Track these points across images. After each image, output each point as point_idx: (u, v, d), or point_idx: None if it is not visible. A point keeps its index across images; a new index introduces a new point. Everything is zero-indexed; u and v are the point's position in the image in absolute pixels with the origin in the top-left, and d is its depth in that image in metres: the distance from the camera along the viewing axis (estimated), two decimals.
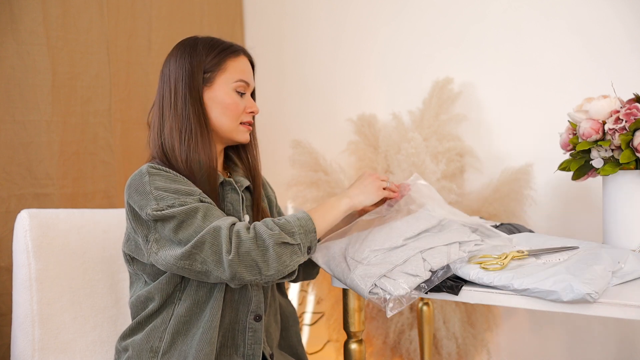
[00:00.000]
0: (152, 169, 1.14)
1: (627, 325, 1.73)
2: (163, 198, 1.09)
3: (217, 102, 1.22)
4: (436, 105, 1.90)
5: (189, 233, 1.06)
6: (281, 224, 1.09)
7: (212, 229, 1.05)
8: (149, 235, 1.11)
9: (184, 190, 1.11)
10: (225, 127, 1.23)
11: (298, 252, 1.09)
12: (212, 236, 1.05)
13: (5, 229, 1.52)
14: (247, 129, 1.27)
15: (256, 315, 1.21)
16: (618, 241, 1.27)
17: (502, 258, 1.09)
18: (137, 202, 1.10)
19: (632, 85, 1.43)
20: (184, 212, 1.07)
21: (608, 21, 1.72)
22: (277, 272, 1.06)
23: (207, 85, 1.22)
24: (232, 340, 1.20)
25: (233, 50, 1.25)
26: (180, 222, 1.07)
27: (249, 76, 1.27)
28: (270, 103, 2.30)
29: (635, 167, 1.24)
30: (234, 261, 1.03)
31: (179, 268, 1.08)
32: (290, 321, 1.37)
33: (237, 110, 1.23)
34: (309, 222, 1.11)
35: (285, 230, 1.08)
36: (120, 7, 1.86)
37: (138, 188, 1.11)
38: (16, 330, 1.26)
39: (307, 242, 1.11)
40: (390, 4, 2.08)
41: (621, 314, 0.95)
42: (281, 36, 2.33)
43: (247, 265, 1.04)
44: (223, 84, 1.22)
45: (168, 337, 1.14)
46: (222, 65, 1.22)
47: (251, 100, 1.28)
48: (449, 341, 1.76)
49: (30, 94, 1.60)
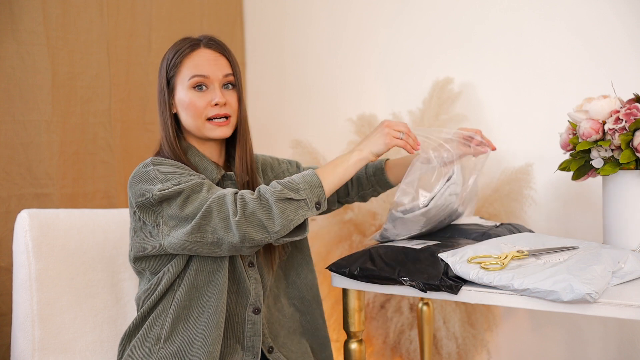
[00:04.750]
0: (155, 160, 1.19)
1: (627, 325, 1.73)
2: (169, 179, 1.12)
3: (180, 106, 1.24)
4: (436, 105, 1.90)
5: (195, 206, 1.09)
6: (285, 183, 1.11)
7: (217, 197, 1.09)
8: (158, 219, 1.13)
9: (189, 172, 1.16)
10: (194, 128, 1.24)
11: (304, 207, 1.09)
12: (217, 204, 1.08)
13: (5, 229, 1.52)
14: (216, 125, 1.22)
15: (255, 307, 1.22)
16: (618, 241, 1.27)
17: (502, 258, 1.09)
18: (142, 189, 1.13)
19: (632, 85, 1.43)
20: (190, 187, 1.10)
21: (608, 21, 1.72)
22: (282, 227, 1.07)
23: (171, 92, 1.24)
24: (232, 331, 1.21)
25: (189, 46, 1.23)
26: (186, 197, 1.10)
27: (206, 68, 1.21)
28: (270, 103, 2.30)
29: (635, 167, 1.24)
30: (240, 222, 1.06)
31: (192, 243, 1.10)
32: (312, 305, 1.37)
33: (196, 107, 1.21)
34: (314, 178, 1.12)
35: (289, 187, 1.09)
36: (120, 7, 1.86)
37: (142, 177, 1.15)
38: (16, 330, 1.27)
39: (315, 197, 1.11)
40: (391, 4, 2.08)
41: (621, 314, 0.95)
42: (281, 36, 2.33)
43: (254, 225, 1.06)
44: (180, 86, 1.23)
45: (169, 322, 1.16)
46: (179, 67, 1.23)
47: (216, 92, 1.21)
48: (449, 341, 1.76)
49: (30, 94, 1.60)
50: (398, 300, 1.81)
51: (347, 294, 1.24)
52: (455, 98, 1.92)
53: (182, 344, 1.14)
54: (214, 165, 1.25)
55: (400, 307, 1.81)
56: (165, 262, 1.19)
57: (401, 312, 1.80)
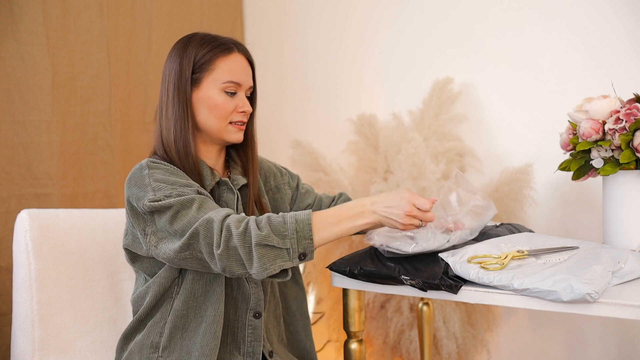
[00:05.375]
0: (151, 162, 1.16)
1: (627, 325, 1.73)
2: (161, 189, 1.10)
3: (204, 103, 1.21)
4: (436, 105, 1.90)
5: (184, 224, 1.06)
6: (275, 224, 1.04)
7: (205, 220, 1.05)
8: (147, 228, 1.11)
9: (182, 183, 1.13)
10: (213, 128, 1.22)
11: (285, 257, 1.03)
12: (204, 228, 1.04)
13: (5, 229, 1.52)
14: (238, 129, 1.24)
15: (255, 312, 1.21)
16: (618, 241, 1.27)
17: (502, 258, 1.09)
18: (135, 195, 1.11)
19: (632, 85, 1.43)
20: (180, 203, 1.07)
21: (608, 21, 1.72)
22: (258, 272, 1.03)
23: (195, 86, 1.21)
24: (232, 337, 1.20)
25: (225, 48, 1.22)
26: (175, 212, 1.07)
27: (241, 76, 1.23)
28: (270, 103, 2.30)
29: (635, 167, 1.24)
30: (222, 255, 1.03)
31: (182, 260, 1.08)
32: (297, 315, 1.35)
33: (224, 110, 1.21)
34: (306, 227, 1.04)
35: (276, 231, 1.03)
36: (120, 7, 1.86)
37: (137, 181, 1.13)
38: (16, 330, 1.26)
39: (300, 248, 1.04)
40: (391, 4, 2.08)
41: (621, 314, 0.95)
42: (281, 36, 2.33)
43: (235, 260, 1.03)
44: (210, 85, 1.21)
45: (167, 332, 1.15)
46: (211, 65, 1.21)
47: (244, 99, 1.24)
48: (449, 341, 1.76)
49: (30, 94, 1.60)
50: (398, 300, 1.81)
51: (347, 294, 1.24)
52: (455, 98, 1.92)
53: (181, 354, 1.14)
54: (209, 171, 1.24)
55: (400, 307, 1.81)
56: (159, 265, 1.18)
57: (401, 312, 1.80)
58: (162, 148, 1.21)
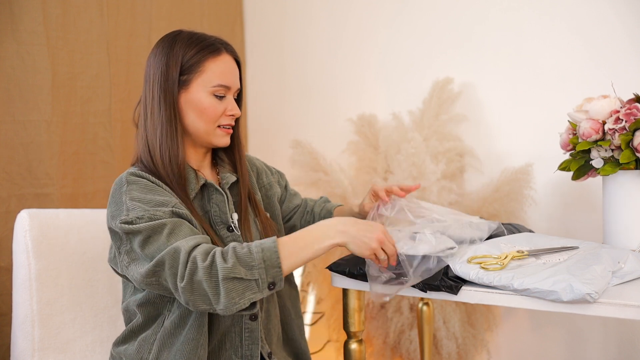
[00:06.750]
0: (131, 176, 1.12)
1: (627, 325, 1.73)
2: (134, 209, 1.06)
3: (192, 106, 1.17)
4: (436, 105, 1.90)
5: (153, 250, 1.03)
6: (241, 255, 1.00)
7: (172, 249, 1.00)
8: (121, 247, 1.09)
9: (158, 201, 1.08)
10: (201, 131, 1.19)
11: (254, 288, 0.99)
12: (170, 257, 1.00)
13: (5, 229, 1.52)
14: (226, 132, 1.21)
15: (251, 314, 1.19)
16: (618, 241, 1.27)
17: (502, 258, 1.09)
18: (112, 212, 1.09)
19: (632, 85, 1.43)
20: (150, 228, 1.03)
21: (608, 21, 1.72)
22: (225, 307, 0.98)
23: (183, 88, 1.17)
24: (230, 342, 1.19)
25: (214, 49, 1.18)
26: (146, 237, 1.04)
27: (230, 78, 1.19)
28: (270, 103, 2.30)
29: (635, 167, 1.24)
30: (186, 289, 0.99)
31: (148, 285, 1.05)
32: (292, 314, 1.34)
33: (214, 114, 1.18)
34: (273, 256, 1.00)
35: (243, 263, 0.99)
36: (120, 7, 1.86)
37: (115, 198, 1.10)
38: (16, 330, 1.27)
39: (269, 278, 0.99)
40: (391, 4, 2.08)
41: (621, 314, 0.95)
42: (281, 36, 2.33)
43: (199, 294, 0.99)
44: (200, 88, 1.17)
45: (155, 350, 1.13)
46: (200, 67, 1.17)
47: (232, 103, 1.21)
48: (449, 341, 1.76)
49: (30, 94, 1.60)
50: (398, 300, 1.81)
51: (347, 294, 1.24)
52: (455, 98, 1.92)
53: None
54: (194, 174, 1.20)
55: (400, 307, 1.81)
56: None
57: (401, 312, 1.80)
58: (148, 153, 1.17)
